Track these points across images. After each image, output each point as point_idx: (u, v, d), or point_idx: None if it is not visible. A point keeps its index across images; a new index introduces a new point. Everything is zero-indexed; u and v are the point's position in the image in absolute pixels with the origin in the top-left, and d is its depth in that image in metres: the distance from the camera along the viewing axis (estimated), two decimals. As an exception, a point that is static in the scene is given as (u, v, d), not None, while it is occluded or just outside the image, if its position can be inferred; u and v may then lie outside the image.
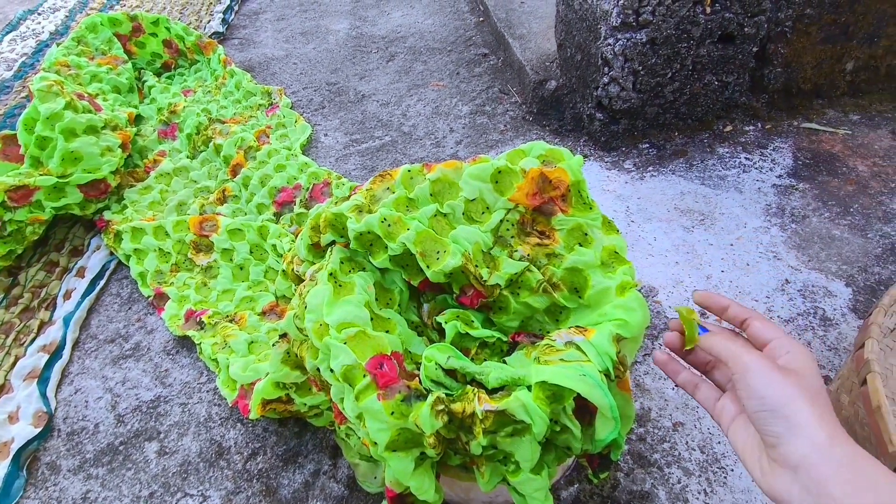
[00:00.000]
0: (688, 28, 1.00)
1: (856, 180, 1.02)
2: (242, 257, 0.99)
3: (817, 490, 0.31)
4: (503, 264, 0.56)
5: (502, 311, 0.56)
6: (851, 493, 0.30)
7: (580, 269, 0.54)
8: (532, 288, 0.56)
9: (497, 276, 0.55)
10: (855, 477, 0.31)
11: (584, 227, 0.55)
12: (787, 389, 0.34)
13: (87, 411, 0.84)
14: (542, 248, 0.57)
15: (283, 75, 1.70)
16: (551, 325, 0.57)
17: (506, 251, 0.57)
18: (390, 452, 0.46)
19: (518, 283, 0.56)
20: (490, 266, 0.56)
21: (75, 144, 1.07)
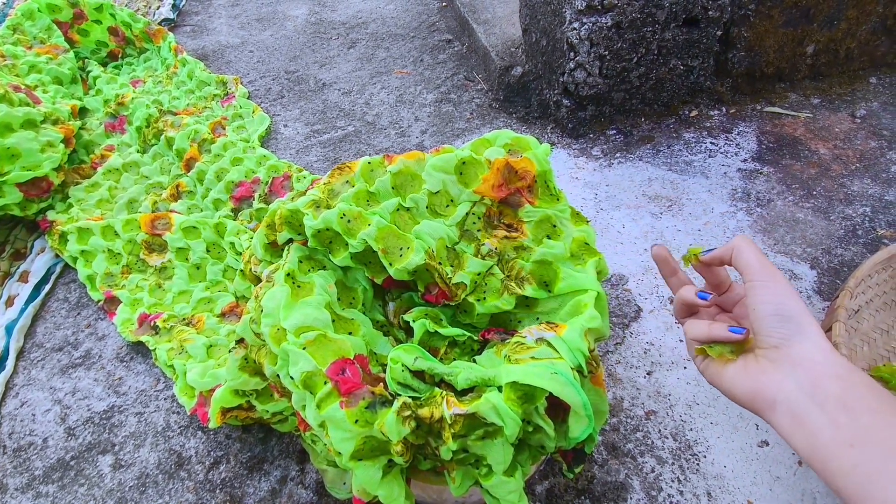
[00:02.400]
0: (653, 11, 0.99)
1: (818, 163, 1.03)
2: (199, 256, 0.94)
3: (812, 387, 0.33)
4: (468, 262, 0.54)
5: (467, 314, 0.54)
6: (847, 390, 0.33)
7: (549, 262, 0.52)
8: (497, 290, 0.54)
9: (461, 274, 0.53)
10: (850, 377, 0.33)
11: (553, 219, 0.53)
12: (800, 303, 0.37)
13: (34, 425, 0.79)
14: (510, 240, 0.55)
15: (239, 64, 1.63)
16: (523, 313, 0.55)
17: (472, 245, 0.55)
18: (356, 462, 0.43)
19: (483, 286, 0.54)
20: (455, 264, 0.54)
21: (11, 140, 1.00)
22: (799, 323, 0.36)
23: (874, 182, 0.98)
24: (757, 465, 0.65)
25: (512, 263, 0.55)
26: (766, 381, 0.36)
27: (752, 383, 0.36)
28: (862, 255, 0.87)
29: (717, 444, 0.68)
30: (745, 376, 0.37)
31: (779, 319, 0.36)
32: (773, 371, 0.36)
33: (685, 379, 0.74)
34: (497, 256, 0.55)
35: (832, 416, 0.32)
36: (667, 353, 0.77)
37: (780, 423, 0.35)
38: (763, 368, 0.36)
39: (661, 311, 0.83)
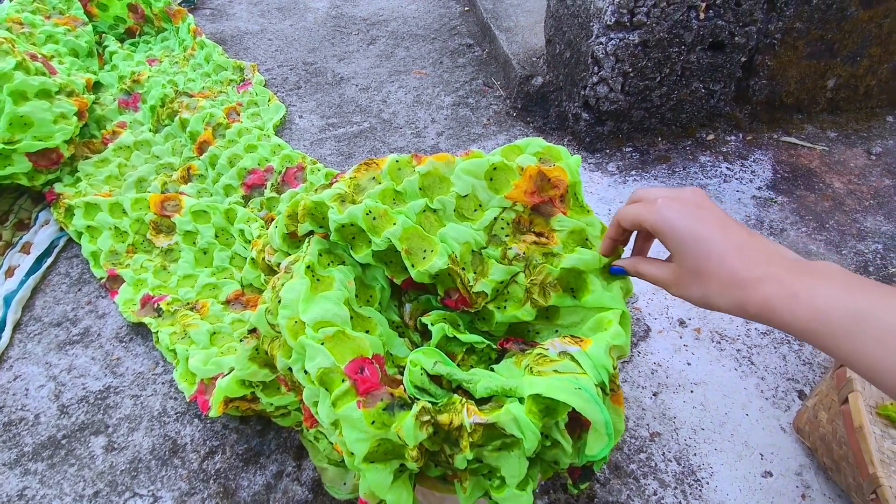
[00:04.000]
0: (680, 32, 0.99)
1: (832, 196, 1.03)
2: (206, 241, 0.93)
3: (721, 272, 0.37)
4: (492, 269, 0.53)
5: (485, 322, 0.53)
6: (763, 267, 0.35)
7: (580, 270, 0.51)
8: (519, 299, 0.53)
9: (483, 283, 0.52)
10: (759, 254, 0.36)
11: (585, 232, 0.52)
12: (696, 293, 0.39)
13: (27, 400, 0.77)
14: (539, 246, 0.54)
15: (257, 51, 1.62)
16: (542, 324, 0.54)
17: (500, 249, 0.54)
18: (368, 464, 0.42)
19: (505, 295, 0.53)
20: (478, 270, 0.53)
21: (25, 108, 0.98)
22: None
23: (887, 220, 0.98)
24: (760, 495, 0.65)
25: (540, 268, 0.54)
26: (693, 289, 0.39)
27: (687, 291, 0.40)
28: (872, 292, 0.87)
29: (720, 471, 0.67)
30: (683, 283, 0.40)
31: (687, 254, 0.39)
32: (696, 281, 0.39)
33: (691, 403, 0.74)
34: (524, 261, 0.54)
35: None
36: (674, 376, 0.77)
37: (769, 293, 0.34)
38: (690, 280, 0.39)
39: (670, 333, 0.82)
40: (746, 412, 0.73)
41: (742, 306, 0.36)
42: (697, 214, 0.39)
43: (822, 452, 0.64)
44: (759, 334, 0.81)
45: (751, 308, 0.35)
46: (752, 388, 0.75)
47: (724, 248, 0.37)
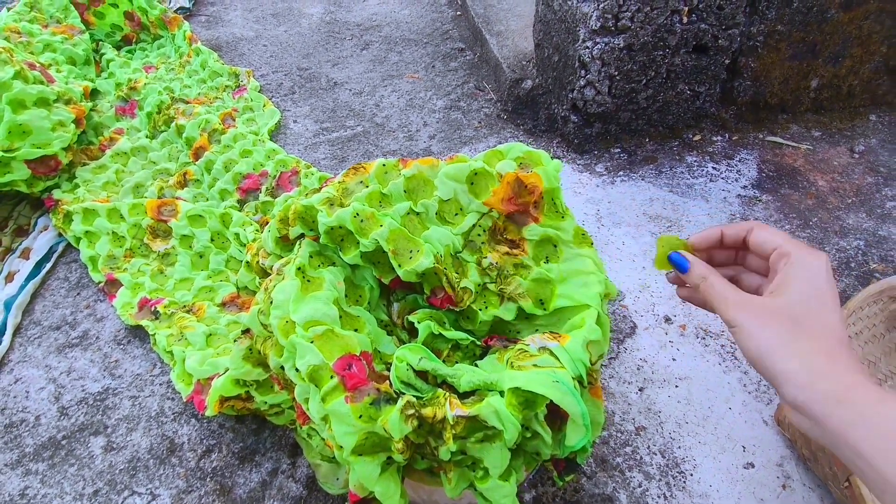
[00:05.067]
0: (664, 36, 1.01)
1: (815, 194, 1.05)
2: (202, 245, 0.95)
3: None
4: (470, 272, 0.55)
5: (469, 321, 0.55)
6: (857, 363, 0.32)
7: (547, 281, 0.53)
8: (494, 303, 0.55)
9: (466, 281, 0.54)
10: (855, 355, 0.32)
11: (555, 239, 0.54)
12: (770, 341, 0.34)
13: (27, 402, 0.79)
14: (511, 257, 0.56)
15: (252, 57, 1.64)
16: (522, 323, 0.56)
17: (475, 256, 0.56)
18: (356, 457, 0.44)
19: (483, 296, 0.55)
20: (459, 271, 0.55)
21: (24, 117, 1.00)
22: (773, 371, 0.34)
23: (869, 217, 1.01)
24: (742, 486, 0.67)
25: (510, 279, 0.56)
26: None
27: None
28: (854, 288, 0.89)
29: (703, 463, 0.69)
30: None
31: (759, 366, 0.35)
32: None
33: (676, 397, 0.76)
34: (497, 271, 0.56)
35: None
36: (659, 371, 0.79)
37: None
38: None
39: (656, 329, 0.84)
40: (730, 406, 0.75)
41: (815, 378, 0.32)
42: (834, 287, 0.35)
43: (802, 444, 0.66)
44: (743, 330, 0.83)
45: (824, 384, 0.31)
46: (736, 382, 0.77)
47: (838, 326, 0.33)
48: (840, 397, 0.30)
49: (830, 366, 0.32)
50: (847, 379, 0.31)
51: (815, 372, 0.32)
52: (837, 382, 0.31)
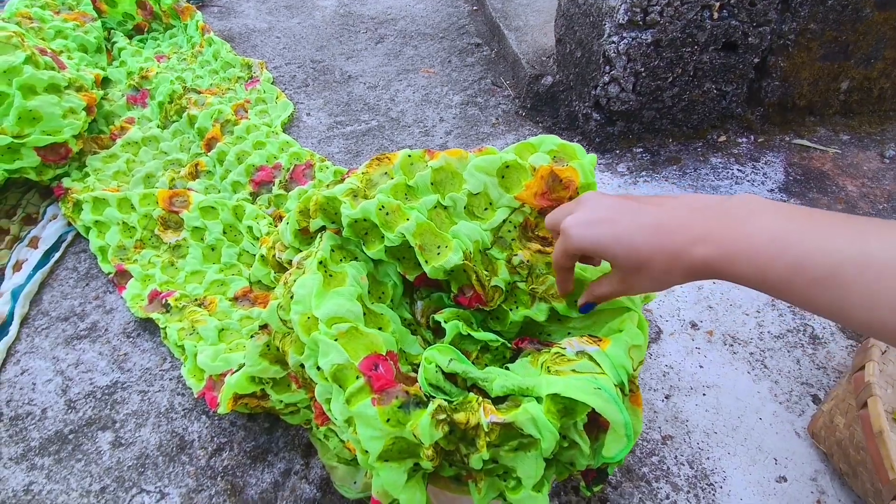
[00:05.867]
0: (694, 32, 0.98)
1: (845, 199, 1.02)
2: (214, 237, 0.93)
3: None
4: (500, 270, 0.52)
5: (498, 322, 0.53)
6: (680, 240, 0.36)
7: (581, 282, 0.51)
8: (525, 302, 0.53)
9: (497, 280, 0.51)
10: (669, 228, 0.37)
11: None
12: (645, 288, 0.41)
13: (34, 394, 0.77)
14: (543, 255, 0.54)
15: (265, 48, 1.62)
16: (554, 325, 0.54)
17: (505, 254, 0.54)
18: (382, 462, 0.42)
19: (514, 296, 0.53)
20: (489, 269, 0.52)
21: (34, 103, 0.98)
22: None
23: (901, 223, 0.97)
24: (774, 500, 0.64)
25: (543, 279, 0.53)
26: None
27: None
28: (887, 296, 0.86)
29: (734, 475, 0.66)
30: None
31: None
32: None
33: (704, 406, 0.73)
34: (528, 269, 0.54)
35: None
36: (686, 378, 0.76)
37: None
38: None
39: (682, 335, 0.81)
40: (760, 416, 0.72)
41: (692, 274, 0.36)
42: (605, 217, 0.39)
43: (839, 458, 0.63)
44: (773, 337, 0.80)
45: (702, 273, 0.35)
46: (766, 391, 0.74)
47: (643, 233, 0.37)
48: (706, 273, 0.35)
49: (676, 274, 0.37)
50: (691, 256, 0.35)
51: (685, 275, 0.36)
52: (691, 271, 0.36)
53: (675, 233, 0.35)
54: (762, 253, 0.31)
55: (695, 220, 0.35)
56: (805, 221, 0.31)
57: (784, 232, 0.31)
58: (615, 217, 0.39)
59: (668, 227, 0.36)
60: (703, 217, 0.35)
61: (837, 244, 0.29)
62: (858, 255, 0.28)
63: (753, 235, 0.32)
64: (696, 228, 0.35)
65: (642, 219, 0.37)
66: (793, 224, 0.31)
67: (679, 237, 0.35)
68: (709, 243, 0.34)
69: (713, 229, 0.34)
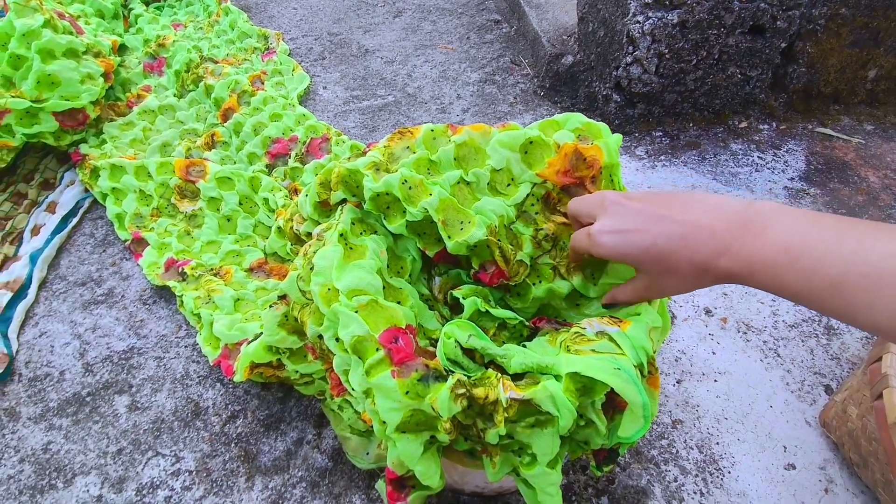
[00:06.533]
0: (721, 14, 0.96)
1: (867, 191, 1.01)
2: (230, 208, 0.93)
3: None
4: (525, 245, 0.52)
5: (520, 298, 0.52)
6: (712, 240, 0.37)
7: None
8: (549, 276, 0.52)
9: (521, 254, 0.51)
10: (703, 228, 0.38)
11: None
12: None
13: (52, 357, 0.78)
14: (568, 228, 0.53)
15: (282, 20, 1.60)
16: (571, 310, 0.54)
17: (530, 228, 0.53)
18: (399, 434, 0.42)
19: (537, 269, 0.52)
20: (514, 243, 0.52)
21: (53, 67, 0.98)
22: None
23: (923, 217, 0.96)
24: (782, 487, 0.64)
25: (567, 252, 0.53)
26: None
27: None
28: (905, 290, 0.85)
29: (742, 461, 0.67)
30: None
31: None
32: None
33: (715, 392, 0.73)
34: (552, 242, 0.53)
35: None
36: (698, 364, 0.76)
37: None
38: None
39: (696, 321, 0.81)
40: (771, 404, 0.72)
41: (718, 282, 0.38)
42: (633, 226, 0.40)
43: (849, 448, 0.63)
44: (787, 327, 0.80)
45: (725, 281, 0.37)
46: (778, 380, 0.74)
47: (671, 243, 0.38)
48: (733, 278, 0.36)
49: (703, 277, 0.38)
50: (720, 267, 0.36)
51: (713, 279, 0.38)
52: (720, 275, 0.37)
53: (702, 245, 0.37)
54: (778, 264, 0.33)
55: (717, 230, 0.36)
56: (816, 230, 0.33)
57: (797, 242, 0.33)
58: (644, 227, 0.39)
59: (694, 238, 0.37)
60: (726, 228, 0.36)
61: (843, 253, 0.31)
62: (861, 264, 0.30)
63: (769, 246, 0.34)
64: (719, 240, 0.36)
65: (670, 228, 0.38)
66: (805, 234, 0.33)
67: (705, 249, 0.37)
68: (730, 256, 0.35)
69: (734, 242, 0.35)
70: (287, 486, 0.65)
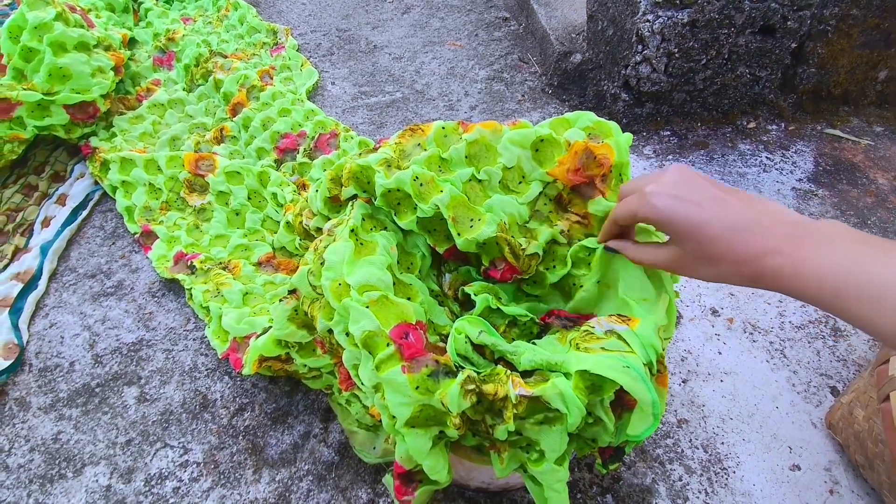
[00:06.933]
0: (731, 13, 0.96)
1: (875, 192, 1.00)
2: (239, 202, 0.93)
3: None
4: (541, 234, 0.52)
5: (536, 285, 0.52)
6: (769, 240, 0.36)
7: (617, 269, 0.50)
8: (564, 262, 0.52)
9: (535, 244, 0.51)
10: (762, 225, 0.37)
11: None
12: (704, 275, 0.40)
13: (62, 348, 0.79)
14: (583, 227, 0.53)
15: (290, 15, 1.60)
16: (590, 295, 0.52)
17: (544, 224, 0.53)
18: (409, 428, 0.43)
19: (551, 255, 0.52)
20: (527, 237, 0.52)
21: (64, 60, 0.98)
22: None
23: (932, 220, 0.96)
24: (787, 488, 0.64)
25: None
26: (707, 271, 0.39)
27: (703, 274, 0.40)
28: (913, 292, 0.84)
29: (748, 461, 0.67)
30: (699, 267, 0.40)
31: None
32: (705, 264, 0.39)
33: (721, 392, 0.73)
34: (568, 239, 0.53)
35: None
36: (704, 364, 0.76)
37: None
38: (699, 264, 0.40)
39: (702, 321, 0.81)
40: (777, 405, 0.72)
41: (755, 281, 0.37)
42: (691, 198, 0.38)
43: (855, 449, 0.63)
44: (794, 328, 0.80)
45: (765, 282, 0.36)
46: (784, 381, 0.74)
47: (724, 228, 0.37)
48: (778, 284, 0.35)
49: (752, 268, 0.36)
50: (769, 265, 0.35)
51: (750, 279, 0.37)
52: (767, 277, 0.36)
53: (755, 239, 0.36)
54: (829, 277, 0.33)
55: (775, 231, 0.36)
56: (868, 252, 0.33)
57: (851, 260, 0.33)
58: (701, 201, 0.38)
59: (749, 230, 0.36)
60: (784, 231, 0.36)
61: (889, 271, 0.31)
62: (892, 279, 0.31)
63: (826, 258, 0.33)
64: (774, 240, 0.35)
65: (727, 213, 0.37)
66: (859, 255, 0.33)
67: (756, 245, 0.36)
68: (784, 256, 0.35)
69: (791, 245, 0.35)
70: (294, 479, 0.65)
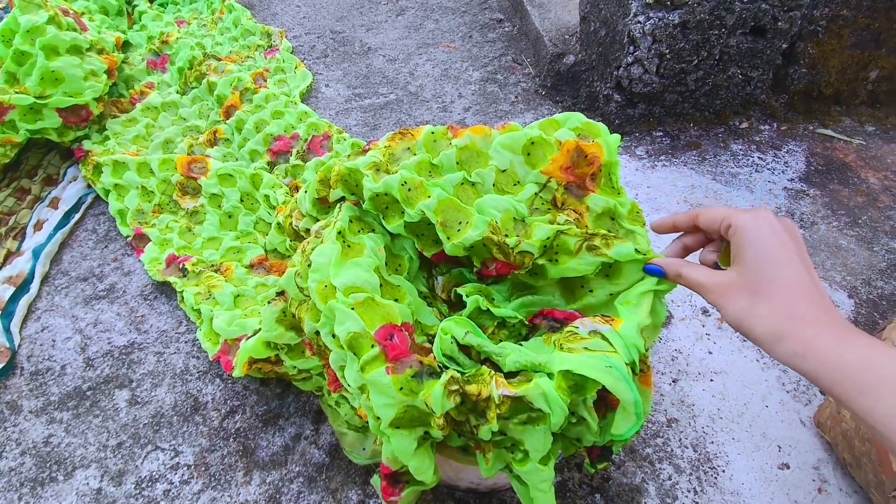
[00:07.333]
0: (722, 14, 0.96)
1: (866, 192, 1.01)
2: (232, 205, 0.93)
3: (789, 309, 0.36)
4: (536, 231, 0.51)
5: (538, 277, 0.52)
6: (821, 313, 0.36)
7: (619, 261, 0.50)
8: (571, 251, 0.50)
9: (527, 243, 0.50)
10: (822, 301, 0.36)
11: (615, 213, 0.51)
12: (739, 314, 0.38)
13: (53, 351, 0.79)
14: (580, 226, 0.53)
15: (285, 17, 1.61)
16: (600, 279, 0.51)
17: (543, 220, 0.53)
18: (393, 429, 0.43)
19: (554, 248, 0.51)
20: (521, 234, 0.51)
21: (57, 63, 0.98)
22: (778, 260, 0.38)
23: (922, 219, 0.96)
24: (776, 486, 0.65)
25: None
26: (759, 311, 0.37)
27: (750, 314, 0.38)
28: (902, 291, 0.85)
29: (737, 460, 0.67)
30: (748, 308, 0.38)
31: (763, 262, 0.38)
32: (763, 303, 0.37)
33: (711, 391, 0.73)
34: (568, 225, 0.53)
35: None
36: (694, 364, 0.76)
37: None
38: (756, 302, 0.38)
39: (693, 321, 0.81)
40: (766, 404, 0.72)
41: (779, 338, 0.36)
42: (785, 238, 0.38)
43: (843, 448, 0.64)
44: (784, 327, 0.80)
45: (787, 344, 0.35)
46: (774, 380, 0.74)
47: (794, 279, 0.37)
48: (801, 354, 0.34)
49: (789, 324, 0.35)
50: (806, 333, 0.35)
51: (777, 335, 0.36)
52: (797, 341, 0.35)
53: (813, 305, 0.36)
54: (845, 378, 0.33)
55: (830, 313, 0.36)
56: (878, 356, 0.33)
57: (865, 361, 0.33)
58: (792, 246, 0.38)
59: (812, 296, 0.36)
60: (833, 317, 0.36)
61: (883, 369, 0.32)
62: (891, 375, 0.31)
63: (840, 356, 0.33)
64: (826, 317, 0.35)
65: (803, 271, 0.37)
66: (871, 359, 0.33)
67: (811, 311, 0.36)
68: (828, 329, 0.35)
69: (837, 326, 0.35)
70: (284, 481, 0.65)
